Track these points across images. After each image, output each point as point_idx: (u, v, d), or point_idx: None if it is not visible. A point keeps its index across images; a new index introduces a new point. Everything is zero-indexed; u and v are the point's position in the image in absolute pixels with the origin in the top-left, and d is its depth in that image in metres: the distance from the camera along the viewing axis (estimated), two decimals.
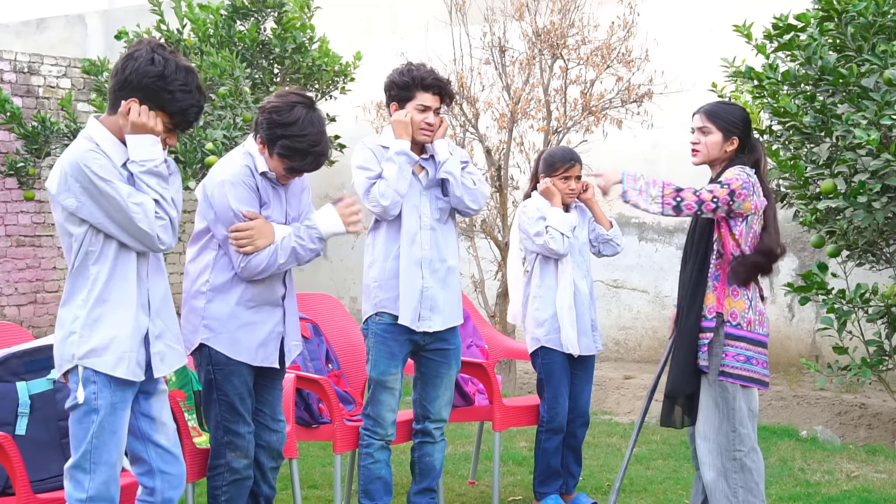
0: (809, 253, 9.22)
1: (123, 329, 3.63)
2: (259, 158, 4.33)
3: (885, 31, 6.38)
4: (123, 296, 3.65)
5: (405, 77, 4.97)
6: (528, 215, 5.60)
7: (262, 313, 4.35)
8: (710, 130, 4.55)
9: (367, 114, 9.51)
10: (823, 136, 6.55)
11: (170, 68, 3.62)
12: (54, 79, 11.15)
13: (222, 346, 4.28)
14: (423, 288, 4.96)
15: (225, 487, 4.32)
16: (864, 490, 5.99)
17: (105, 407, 3.60)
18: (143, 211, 3.58)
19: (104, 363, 3.60)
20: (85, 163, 3.56)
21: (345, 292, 11.37)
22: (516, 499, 5.90)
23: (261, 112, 4.30)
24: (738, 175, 4.45)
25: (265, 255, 4.21)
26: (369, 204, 4.90)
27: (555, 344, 5.53)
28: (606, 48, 8.72)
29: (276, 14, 10.02)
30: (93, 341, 3.61)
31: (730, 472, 4.43)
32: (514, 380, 8.85)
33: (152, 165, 3.62)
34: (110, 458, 3.61)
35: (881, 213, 6.27)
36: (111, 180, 3.56)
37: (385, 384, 4.96)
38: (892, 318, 6.88)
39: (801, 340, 9.37)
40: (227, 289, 4.30)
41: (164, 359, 3.76)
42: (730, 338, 4.47)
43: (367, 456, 5.02)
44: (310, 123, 4.23)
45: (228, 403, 4.30)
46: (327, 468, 6.26)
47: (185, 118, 3.68)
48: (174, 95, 3.62)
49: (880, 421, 7.66)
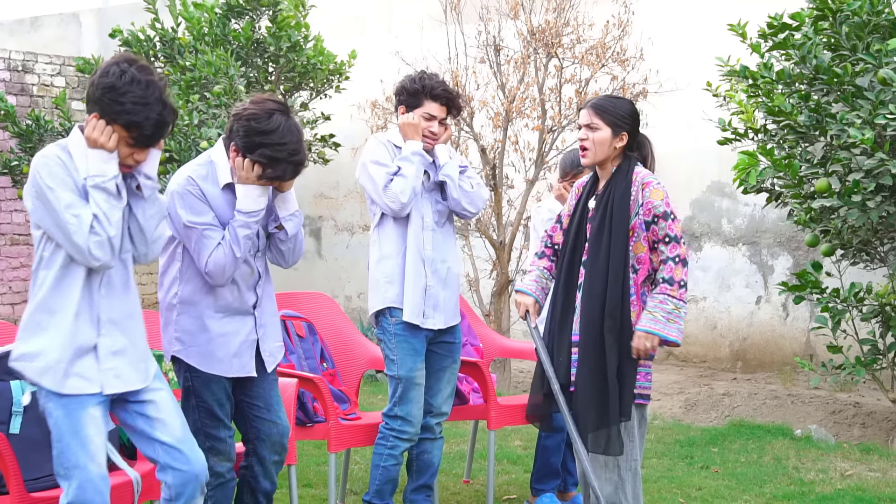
0: (804, 252, 9.24)
1: (56, 339, 3.59)
2: (225, 168, 4.27)
3: (880, 31, 6.39)
4: (64, 305, 3.59)
5: (416, 84, 5.01)
6: (541, 216, 5.70)
7: (233, 323, 4.31)
8: (599, 126, 4.30)
9: (362, 112, 9.50)
10: (818, 135, 6.55)
11: (123, 80, 3.55)
12: (48, 77, 11.13)
13: (193, 360, 4.26)
14: (426, 286, 5.02)
15: (210, 492, 4.26)
16: (858, 489, 6.00)
17: (57, 409, 3.57)
18: (79, 223, 3.52)
19: (32, 369, 3.58)
20: (38, 168, 3.56)
21: (339, 291, 11.37)
22: (511, 497, 5.90)
23: (236, 119, 4.20)
24: (664, 192, 4.26)
25: (220, 253, 4.16)
26: (387, 199, 4.90)
27: None
28: (601, 47, 8.72)
29: (270, 12, 10.01)
30: (27, 346, 3.60)
31: (627, 482, 4.26)
32: (508, 379, 8.86)
33: (101, 181, 3.56)
34: (78, 461, 3.56)
35: (875, 212, 6.28)
36: (54, 188, 3.53)
37: (414, 381, 5.00)
38: (886, 317, 6.89)
39: (796, 339, 9.38)
40: (195, 300, 4.26)
41: (119, 376, 3.68)
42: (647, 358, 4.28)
43: (390, 457, 5.02)
44: (288, 132, 4.15)
45: (207, 409, 4.29)
46: (321, 467, 6.26)
47: (140, 132, 3.58)
48: (124, 107, 3.55)
49: (874, 420, 7.67)
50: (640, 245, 4.26)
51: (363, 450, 6.25)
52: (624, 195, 4.25)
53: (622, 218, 4.24)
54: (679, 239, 4.23)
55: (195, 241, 4.17)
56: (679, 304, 4.20)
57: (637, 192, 4.26)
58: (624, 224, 4.24)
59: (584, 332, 4.26)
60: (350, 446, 5.38)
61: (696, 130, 8.38)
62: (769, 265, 9.61)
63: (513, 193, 9.15)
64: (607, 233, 4.25)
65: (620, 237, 4.23)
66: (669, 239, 4.23)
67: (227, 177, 4.25)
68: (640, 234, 4.25)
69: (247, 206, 4.16)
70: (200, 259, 4.17)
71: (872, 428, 7.64)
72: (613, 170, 4.34)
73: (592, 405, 4.21)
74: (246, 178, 4.15)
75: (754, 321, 9.64)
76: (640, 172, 4.31)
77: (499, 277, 8.93)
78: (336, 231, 11.58)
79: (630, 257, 4.25)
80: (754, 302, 9.67)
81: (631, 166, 4.32)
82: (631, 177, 4.28)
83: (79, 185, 3.58)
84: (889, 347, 6.98)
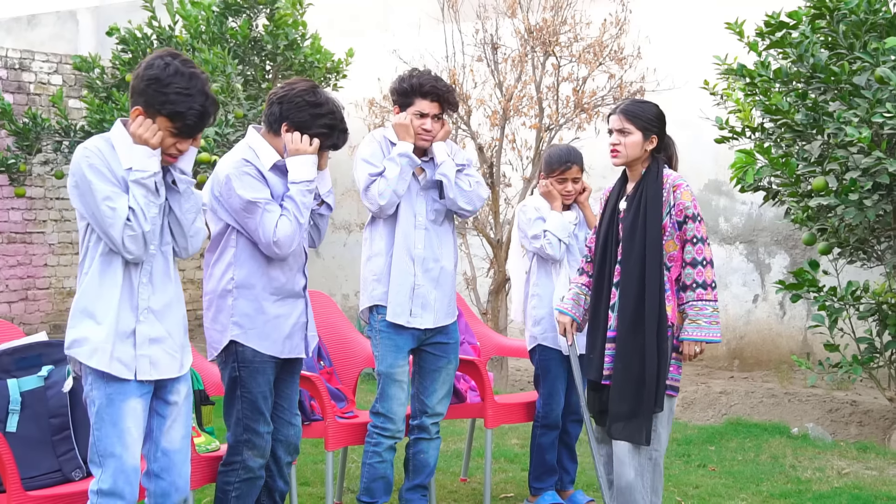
0: (801, 250, 9.24)
1: (102, 322, 3.67)
2: (266, 150, 4.41)
3: (877, 29, 6.39)
4: (108, 293, 3.68)
5: (405, 84, 5.05)
6: (528, 215, 5.60)
7: (286, 306, 4.44)
8: (630, 131, 4.49)
9: (360, 111, 9.49)
10: (815, 133, 6.56)
11: (168, 72, 3.66)
12: (45, 75, 11.12)
13: (253, 342, 4.35)
14: (414, 285, 5.01)
15: (237, 484, 4.37)
16: (855, 487, 6.00)
17: (100, 397, 3.65)
18: (115, 216, 3.62)
19: (82, 353, 3.66)
20: (79, 160, 3.66)
21: (336, 289, 11.37)
22: (508, 496, 5.91)
23: (283, 101, 4.37)
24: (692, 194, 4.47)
25: (285, 222, 4.29)
26: (367, 201, 4.98)
27: (550, 342, 5.54)
28: (599, 45, 8.72)
29: (268, 11, 10.00)
30: (76, 332, 3.69)
31: (646, 470, 4.43)
32: (505, 377, 8.86)
33: (141, 176, 3.66)
34: (114, 451, 3.63)
35: (872, 210, 6.28)
36: (92, 180, 3.62)
37: (393, 377, 5.00)
38: (883, 315, 6.89)
39: (793, 338, 9.39)
40: (250, 283, 4.37)
41: (155, 364, 3.76)
42: (675, 351, 4.48)
43: (374, 454, 5.04)
44: (334, 103, 4.44)
45: (251, 401, 4.35)
46: (319, 465, 6.26)
47: (184, 122, 3.68)
48: (168, 97, 3.65)
49: (871, 418, 7.68)
50: (673, 244, 4.44)
51: (360, 448, 6.23)
52: (656, 196, 4.44)
53: (655, 218, 4.42)
54: (705, 240, 4.45)
55: (259, 216, 4.28)
56: (714, 306, 4.43)
57: (668, 194, 4.46)
58: (657, 224, 4.42)
59: (622, 328, 4.45)
60: (347, 444, 5.38)
61: (694, 129, 8.39)
62: (766, 263, 9.62)
63: (510, 192, 9.16)
64: (641, 232, 4.43)
65: (655, 236, 4.41)
66: (697, 240, 4.44)
67: (270, 159, 4.40)
68: (673, 234, 4.44)
69: (302, 175, 4.33)
70: (266, 232, 4.27)
71: (869, 426, 7.65)
72: (643, 171, 4.52)
73: (627, 397, 4.40)
74: (299, 149, 4.33)
75: (751, 319, 9.65)
76: (671, 175, 4.50)
77: (496, 276, 8.93)
78: (333, 229, 11.58)
79: (663, 255, 4.42)
80: (751, 300, 9.68)
81: (660, 168, 4.50)
82: (662, 179, 4.47)
83: (119, 176, 3.67)
84: (886, 346, 6.99)
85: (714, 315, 4.41)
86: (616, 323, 4.48)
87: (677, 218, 4.42)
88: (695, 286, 4.40)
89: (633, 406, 4.39)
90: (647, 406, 4.36)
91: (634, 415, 4.39)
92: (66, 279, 11.20)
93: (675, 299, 4.45)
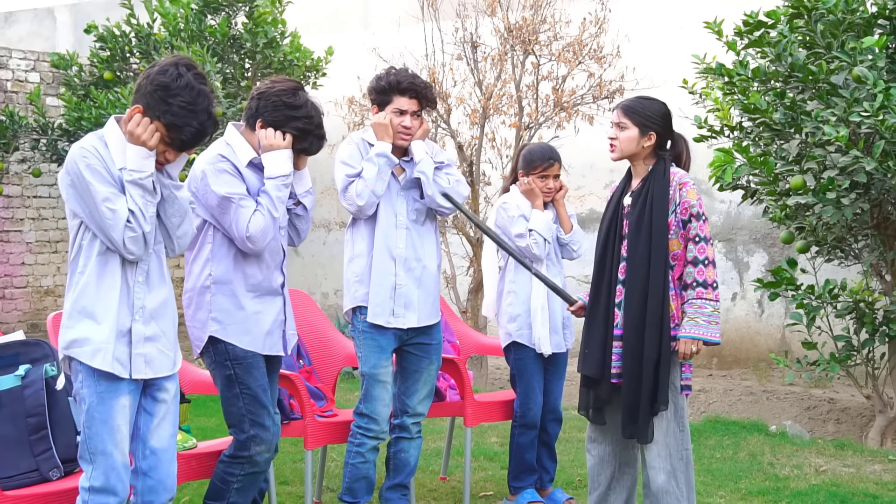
0: (779, 249, 9.29)
1: (104, 323, 3.67)
2: (243, 146, 4.41)
3: (854, 29, 6.43)
4: (106, 293, 3.68)
5: (382, 82, 5.03)
6: (509, 213, 5.58)
7: (264, 303, 4.43)
8: (626, 126, 4.47)
9: (339, 109, 9.48)
10: (793, 132, 6.59)
11: (179, 83, 3.64)
12: (23, 73, 11.05)
13: (233, 338, 4.35)
14: (395, 285, 5.00)
15: (241, 476, 4.38)
16: (833, 484, 6.03)
17: (92, 396, 3.64)
18: (115, 218, 3.62)
19: (83, 353, 3.65)
20: (76, 159, 3.64)
21: (316, 288, 11.36)
22: (488, 494, 5.91)
23: (262, 97, 4.38)
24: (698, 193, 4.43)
25: (259, 217, 4.29)
26: (346, 202, 4.97)
27: (526, 340, 5.54)
28: (578, 44, 8.74)
29: (247, 9, 9.97)
30: (75, 332, 3.67)
31: (678, 471, 4.42)
32: (485, 375, 8.87)
33: (138, 177, 3.66)
34: (105, 448, 3.64)
35: (850, 209, 6.32)
36: (91, 181, 3.61)
37: (377, 377, 4.98)
38: (860, 313, 6.93)
39: (771, 336, 9.43)
40: (228, 278, 4.37)
41: (150, 362, 3.77)
42: None
43: (357, 455, 5.03)
44: (313, 107, 4.43)
45: (253, 396, 4.35)
46: (298, 464, 6.25)
47: (179, 135, 3.67)
48: (171, 108, 3.63)
49: (848, 416, 7.73)
50: (677, 242, 4.41)
51: (340, 447, 6.24)
52: (663, 194, 4.41)
53: (661, 215, 4.40)
54: (708, 240, 4.41)
55: (233, 211, 4.28)
56: (715, 305, 4.39)
57: (674, 192, 4.42)
58: (663, 221, 4.40)
59: (628, 327, 4.42)
60: (326, 443, 5.37)
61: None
62: (745, 262, 9.66)
63: (490, 190, 9.16)
64: (646, 229, 4.41)
65: (660, 234, 4.39)
66: (699, 239, 4.40)
67: (247, 155, 4.40)
68: (677, 232, 4.41)
69: (276, 171, 4.32)
70: (240, 226, 4.27)
71: (847, 424, 7.70)
72: (650, 169, 4.49)
73: (638, 395, 4.37)
74: (273, 144, 4.34)
75: (730, 318, 9.69)
76: (677, 173, 4.46)
77: (475, 274, 8.94)
78: (313, 228, 11.56)
79: (668, 254, 4.40)
80: (730, 298, 9.71)
81: (667, 166, 4.47)
82: (668, 177, 4.44)
83: (115, 176, 3.66)
84: (863, 344, 7.03)
85: (714, 315, 4.38)
86: (623, 321, 4.44)
87: (682, 216, 4.40)
88: (695, 285, 4.37)
89: (637, 403, 4.38)
90: (646, 404, 4.35)
91: (638, 413, 4.37)
92: (44, 278, 11.14)
93: (679, 298, 4.43)
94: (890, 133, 5.93)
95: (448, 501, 5.75)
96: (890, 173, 6.10)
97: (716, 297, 4.38)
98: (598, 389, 4.51)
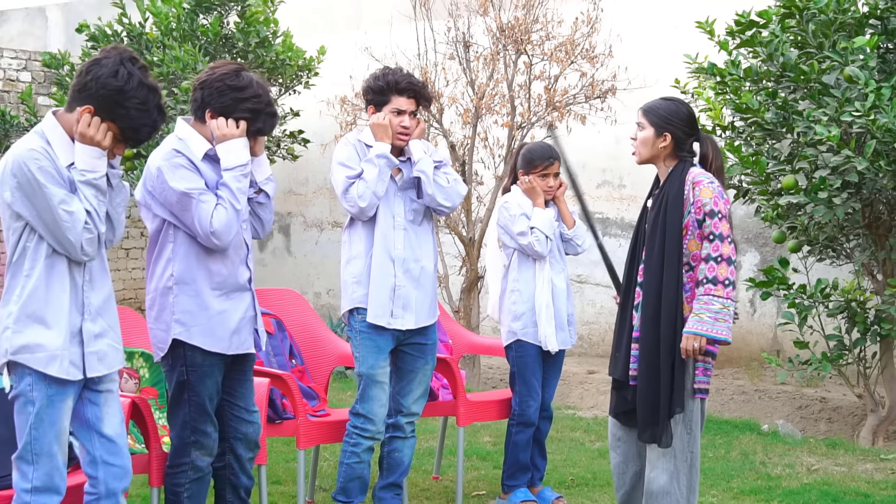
0: (771, 248, 9.30)
1: (56, 328, 3.63)
2: (196, 140, 4.28)
3: (846, 28, 6.43)
4: (56, 294, 3.64)
5: (380, 81, 4.98)
6: (511, 212, 5.59)
7: (230, 300, 4.32)
8: (644, 126, 4.44)
9: (331, 109, 9.47)
10: (785, 132, 6.60)
11: (131, 84, 3.61)
12: (14, 72, 11.03)
13: (197, 340, 4.25)
14: (395, 286, 4.98)
15: (188, 485, 4.32)
16: (825, 483, 6.04)
17: (41, 399, 3.60)
18: (73, 220, 3.58)
19: (36, 360, 3.60)
20: (25, 161, 3.57)
21: (308, 287, 11.34)
22: (480, 493, 5.91)
23: (205, 86, 4.25)
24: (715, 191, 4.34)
25: (222, 211, 4.17)
26: (347, 204, 4.92)
27: (531, 338, 5.54)
28: (570, 44, 8.73)
29: (239, 8, 9.96)
30: (25, 337, 3.61)
31: (682, 473, 4.39)
32: (478, 375, 8.87)
33: (92, 177, 3.63)
34: (51, 449, 3.61)
35: (841, 208, 6.33)
36: (46, 184, 3.56)
37: (375, 378, 4.97)
38: (852, 312, 6.94)
39: (763, 335, 9.44)
40: (191, 278, 4.25)
41: (102, 359, 3.75)
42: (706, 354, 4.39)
43: (352, 455, 5.01)
44: (259, 85, 4.27)
45: (199, 404, 4.28)
46: (290, 464, 6.24)
47: (135, 135, 3.68)
48: (129, 112, 3.62)
49: (840, 415, 7.74)
50: (695, 243, 4.36)
51: (332, 446, 6.23)
52: (677, 195, 4.36)
53: (675, 216, 4.35)
54: (724, 237, 4.32)
55: (194, 207, 4.15)
56: (726, 303, 4.29)
57: (688, 192, 4.36)
58: (676, 222, 4.34)
59: (643, 328, 4.39)
60: (319, 443, 5.37)
61: None
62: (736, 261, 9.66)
63: (482, 190, 9.16)
64: (661, 231, 4.37)
65: (674, 235, 4.34)
66: (714, 237, 4.32)
67: (201, 148, 4.27)
68: (694, 232, 4.35)
69: (233, 161, 4.20)
70: (203, 222, 4.15)
71: (838, 423, 7.71)
72: (670, 170, 4.44)
73: (649, 398, 4.34)
74: (226, 134, 4.20)
75: None
76: (693, 172, 4.40)
77: (468, 274, 8.94)
78: (305, 227, 11.55)
79: (685, 255, 4.36)
80: None
81: (686, 167, 4.41)
82: (685, 177, 4.38)
83: (64, 176, 3.62)
84: (855, 343, 7.04)
85: (723, 312, 4.28)
86: (640, 323, 4.42)
87: (697, 216, 4.32)
88: (704, 281, 4.30)
89: (654, 407, 4.33)
90: (663, 409, 4.30)
91: (655, 416, 4.33)
92: None
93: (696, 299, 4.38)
94: (881, 133, 5.94)
95: (441, 500, 5.75)
96: (881, 173, 6.11)
97: (727, 295, 4.29)
98: (626, 392, 4.49)
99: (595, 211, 9.82)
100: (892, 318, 6.81)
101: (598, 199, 9.90)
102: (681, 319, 4.33)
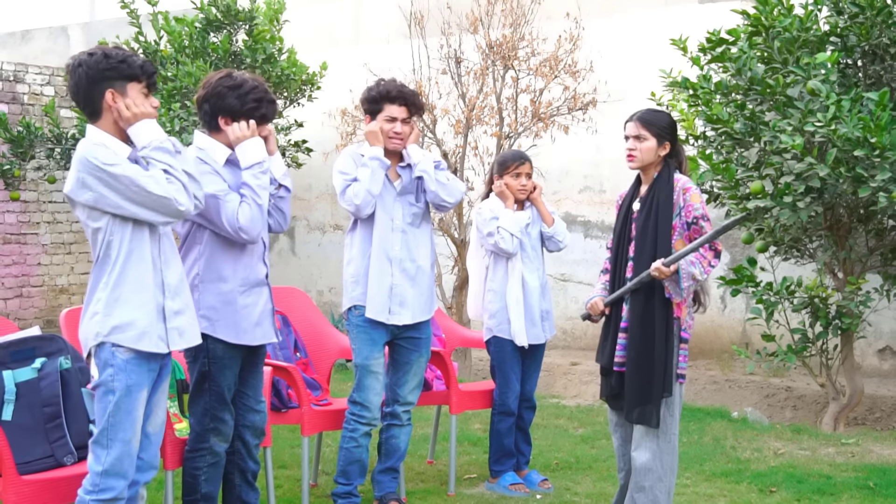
0: (740, 249, 9.31)
1: (144, 306, 3.64)
2: (216, 148, 4.32)
3: (809, 45, 6.45)
4: (140, 276, 3.65)
5: (373, 92, 5.07)
6: (483, 216, 5.64)
7: (252, 295, 4.36)
8: (646, 137, 4.50)
9: (333, 119, 9.48)
10: (752, 141, 6.61)
11: (105, 49, 3.68)
12: (38, 86, 11.01)
13: (222, 333, 4.27)
14: (392, 285, 5.01)
15: (206, 469, 4.34)
16: (790, 466, 6.06)
17: (121, 389, 3.60)
18: (155, 179, 3.58)
19: (128, 338, 3.60)
20: (91, 155, 3.56)
21: (312, 286, 11.34)
22: (471, 476, 5.91)
23: (207, 98, 4.30)
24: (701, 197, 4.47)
25: (246, 207, 4.20)
26: (345, 203, 4.97)
27: (505, 334, 5.56)
28: (554, 60, 8.75)
29: (247, 27, 9.96)
30: (116, 318, 3.60)
31: (664, 453, 4.44)
32: (469, 366, 8.87)
33: (157, 143, 3.65)
34: (125, 437, 3.61)
35: (805, 212, 6.34)
36: (117, 163, 3.56)
37: (369, 368, 4.99)
38: (815, 308, 6.96)
39: (733, 329, 9.45)
40: (215, 277, 4.28)
41: (182, 334, 3.77)
42: (682, 342, 4.48)
43: (350, 440, 5.03)
44: (253, 79, 4.33)
45: (219, 394, 4.31)
46: (296, 449, 6.24)
47: (144, 71, 3.69)
48: (126, 61, 3.66)
49: (804, 403, 7.75)
50: (682, 243, 4.45)
51: (334, 433, 6.23)
52: (668, 199, 4.45)
53: (666, 218, 4.43)
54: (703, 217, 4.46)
55: (221, 207, 4.19)
56: (704, 275, 4.45)
57: (678, 196, 4.45)
58: (667, 224, 4.43)
59: (633, 319, 4.46)
60: (322, 430, 5.37)
61: None
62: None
63: (473, 195, 9.16)
64: (652, 231, 4.45)
65: (665, 235, 4.43)
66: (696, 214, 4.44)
67: (223, 154, 4.31)
68: (682, 234, 4.45)
69: (251, 159, 4.25)
70: (230, 220, 4.18)
71: (803, 410, 7.73)
72: (655, 175, 4.52)
73: (640, 383, 4.41)
74: (240, 137, 4.26)
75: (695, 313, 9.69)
76: (681, 179, 4.50)
77: (460, 273, 8.94)
78: (309, 230, 11.54)
79: (671, 253, 4.42)
80: None
81: (671, 173, 4.50)
82: (673, 182, 4.47)
83: (130, 158, 3.65)
84: (818, 336, 7.05)
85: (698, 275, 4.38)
86: (629, 315, 4.48)
87: (686, 219, 4.43)
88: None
89: (646, 392, 4.40)
90: (656, 392, 4.38)
91: (646, 400, 4.40)
92: (59, 277, 11.10)
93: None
94: (841, 142, 5.96)
95: (435, 483, 5.75)
96: (841, 179, 6.13)
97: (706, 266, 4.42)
98: (611, 378, 4.56)
99: (577, 214, 9.83)
100: (851, 313, 6.83)
101: (580, 203, 9.90)
102: (671, 313, 4.42)
